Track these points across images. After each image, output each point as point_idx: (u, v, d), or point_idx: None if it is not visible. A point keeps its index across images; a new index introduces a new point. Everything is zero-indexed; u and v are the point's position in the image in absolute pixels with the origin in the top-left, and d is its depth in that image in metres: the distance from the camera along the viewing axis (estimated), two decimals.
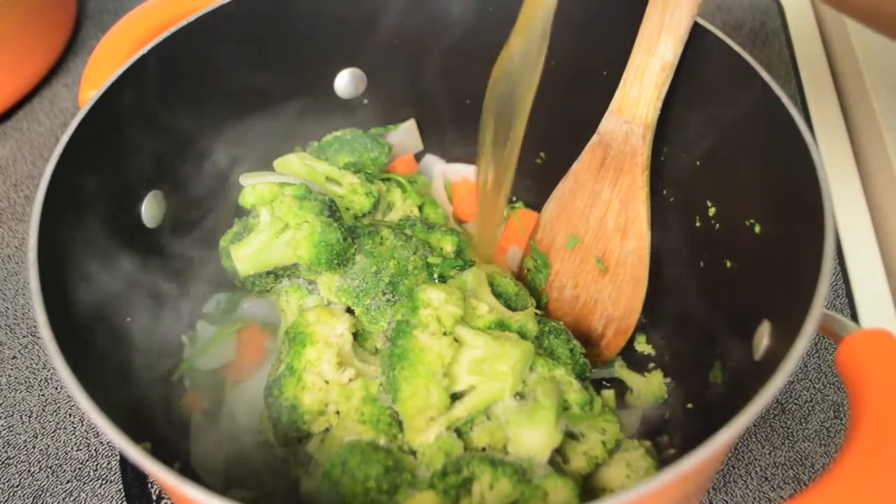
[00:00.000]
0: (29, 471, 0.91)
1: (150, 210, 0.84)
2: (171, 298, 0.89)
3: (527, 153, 1.06)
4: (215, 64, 0.87)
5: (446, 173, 1.10)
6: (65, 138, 0.71)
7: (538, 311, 0.83)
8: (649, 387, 0.88)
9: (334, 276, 0.81)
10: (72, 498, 0.89)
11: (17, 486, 0.89)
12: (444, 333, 0.71)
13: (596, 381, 0.91)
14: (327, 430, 0.74)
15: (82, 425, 0.94)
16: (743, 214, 0.76)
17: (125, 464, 0.90)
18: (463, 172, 1.10)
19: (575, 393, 0.75)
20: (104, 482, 0.90)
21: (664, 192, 0.89)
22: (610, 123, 0.83)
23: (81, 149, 0.73)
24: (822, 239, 0.61)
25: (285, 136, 0.99)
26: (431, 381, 0.69)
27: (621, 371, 0.90)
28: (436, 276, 0.82)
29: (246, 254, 0.81)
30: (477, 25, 0.94)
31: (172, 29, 0.81)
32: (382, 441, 0.70)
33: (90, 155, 0.75)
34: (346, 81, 1.00)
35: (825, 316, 0.61)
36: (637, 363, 0.93)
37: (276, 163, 0.93)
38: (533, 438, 0.69)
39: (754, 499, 0.86)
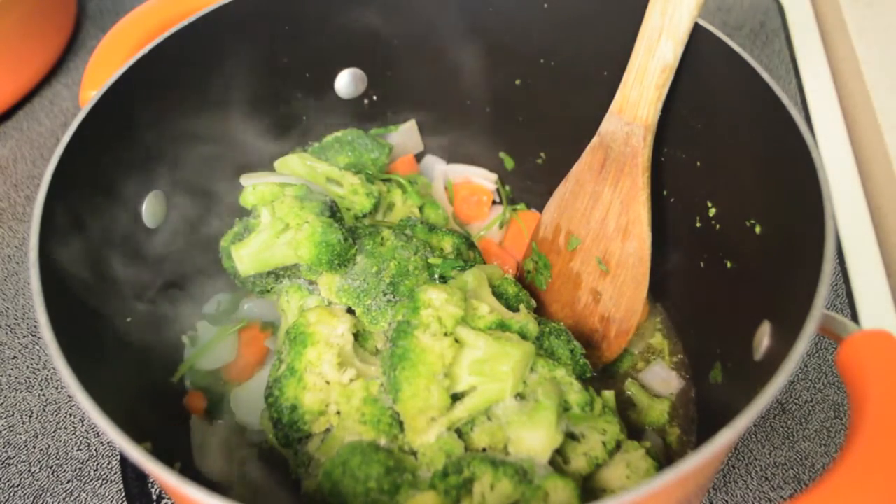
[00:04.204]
0: (29, 471, 0.91)
1: (151, 210, 0.84)
2: (172, 298, 0.89)
3: (527, 154, 1.07)
4: (215, 64, 0.87)
5: (447, 174, 1.10)
6: (65, 138, 0.71)
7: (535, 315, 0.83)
8: (652, 410, 0.88)
9: (335, 276, 0.81)
10: (72, 498, 0.89)
11: (18, 486, 0.89)
12: (445, 334, 0.71)
13: (596, 382, 0.91)
14: (328, 430, 0.74)
15: (82, 425, 0.94)
16: (743, 215, 0.76)
17: (125, 464, 0.90)
18: (464, 173, 1.10)
19: (575, 394, 0.75)
20: (104, 482, 0.90)
21: (664, 192, 0.89)
22: (610, 124, 0.83)
23: (82, 149, 0.73)
24: (823, 239, 0.61)
25: (286, 136, 0.99)
26: (432, 382, 0.69)
27: (632, 387, 0.90)
28: (437, 276, 0.82)
29: (246, 254, 0.81)
30: (477, 25, 0.94)
31: (172, 29, 0.81)
32: (383, 441, 0.70)
33: (91, 155, 0.75)
34: (346, 81, 1.00)
35: (825, 316, 0.61)
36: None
37: (277, 163, 0.93)
38: (534, 439, 0.69)
39: (754, 499, 0.86)
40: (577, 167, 0.90)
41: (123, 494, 0.88)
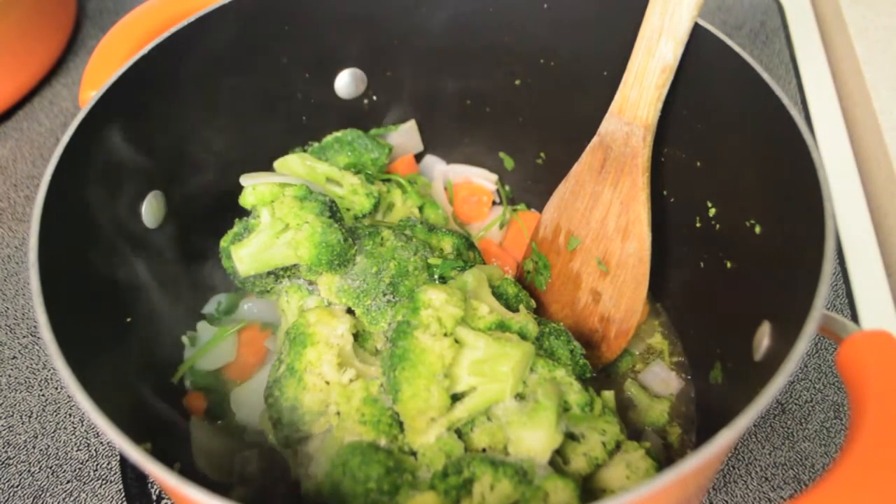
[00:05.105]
0: (29, 471, 0.91)
1: (151, 210, 0.84)
2: (172, 299, 0.89)
3: (527, 154, 1.07)
4: (215, 64, 0.87)
5: (447, 174, 1.10)
6: (65, 138, 0.71)
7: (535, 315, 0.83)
8: (652, 410, 0.88)
9: (335, 276, 0.81)
10: (72, 498, 0.89)
11: (17, 486, 0.89)
12: (445, 334, 0.71)
13: (596, 383, 0.91)
14: (328, 430, 0.74)
15: (82, 425, 0.94)
16: (743, 215, 0.76)
17: (125, 464, 0.90)
18: (464, 173, 1.10)
19: (575, 394, 0.75)
20: (104, 482, 0.90)
21: (664, 192, 0.89)
22: (610, 125, 0.83)
23: (82, 149, 0.73)
24: (823, 239, 0.61)
25: (285, 136, 0.99)
26: (432, 382, 0.69)
27: (632, 387, 0.90)
28: (436, 276, 0.82)
29: (246, 254, 0.81)
30: (477, 25, 0.94)
31: (172, 29, 0.81)
32: (383, 442, 0.70)
33: (90, 155, 0.75)
34: (346, 81, 1.00)
35: (825, 317, 0.61)
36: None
37: (277, 163, 0.93)
38: (533, 439, 0.69)
39: (754, 499, 0.86)
40: (577, 167, 0.90)
41: (123, 495, 0.88)
